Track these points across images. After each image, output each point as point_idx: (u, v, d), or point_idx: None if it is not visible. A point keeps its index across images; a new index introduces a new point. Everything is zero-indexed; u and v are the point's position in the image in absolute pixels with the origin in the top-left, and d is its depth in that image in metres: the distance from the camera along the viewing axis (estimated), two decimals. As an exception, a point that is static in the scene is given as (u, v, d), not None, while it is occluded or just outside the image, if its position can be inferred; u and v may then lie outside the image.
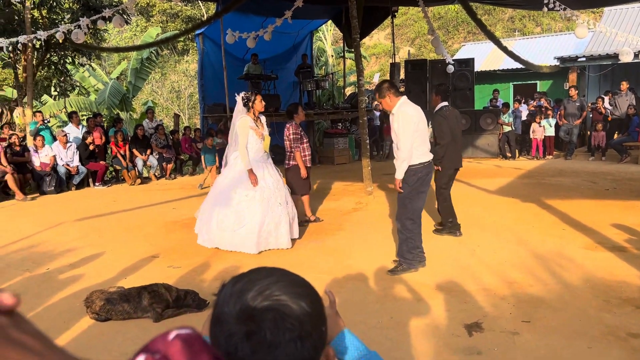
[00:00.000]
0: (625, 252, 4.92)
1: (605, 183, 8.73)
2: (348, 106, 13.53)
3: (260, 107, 5.44)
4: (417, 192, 4.49)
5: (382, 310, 3.80)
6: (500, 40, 12.03)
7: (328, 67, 20.50)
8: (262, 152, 5.53)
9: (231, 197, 5.35)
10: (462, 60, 13.46)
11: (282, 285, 0.78)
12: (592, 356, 3.00)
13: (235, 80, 11.85)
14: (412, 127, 4.33)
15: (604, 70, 15.57)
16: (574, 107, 12.52)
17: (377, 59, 32.61)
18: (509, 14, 29.50)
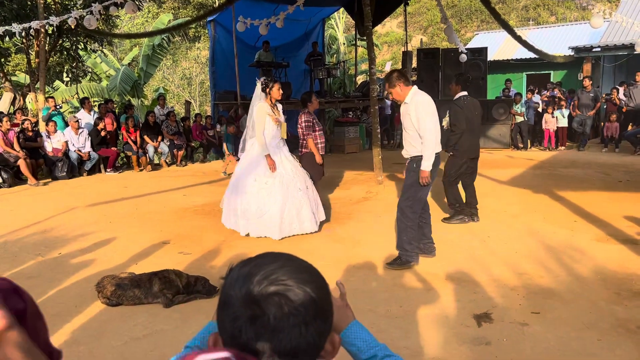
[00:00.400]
0: (637, 245, 4.87)
1: (618, 175, 8.64)
2: (359, 95, 13.47)
3: (278, 95, 5.46)
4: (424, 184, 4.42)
5: (392, 299, 3.80)
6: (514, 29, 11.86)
7: (339, 55, 20.39)
8: (279, 139, 5.55)
9: (251, 185, 5.42)
10: (475, 50, 13.34)
11: (288, 270, 0.79)
12: (602, 348, 2.98)
13: (246, 68, 11.82)
14: (432, 114, 4.27)
15: (619, 60, 15.35)
16: (587, 97, 12.35)
17: (390, 47, 32.36)
18: (523, 3, 29.10)
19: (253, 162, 5.45)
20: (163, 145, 11.45)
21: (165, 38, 15.74)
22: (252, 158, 5.49)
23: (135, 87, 15.55)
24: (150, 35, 13.80)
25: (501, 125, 12.59)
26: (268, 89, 5.39)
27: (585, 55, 14.96)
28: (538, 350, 3.01)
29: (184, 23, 12.48)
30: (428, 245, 4.66)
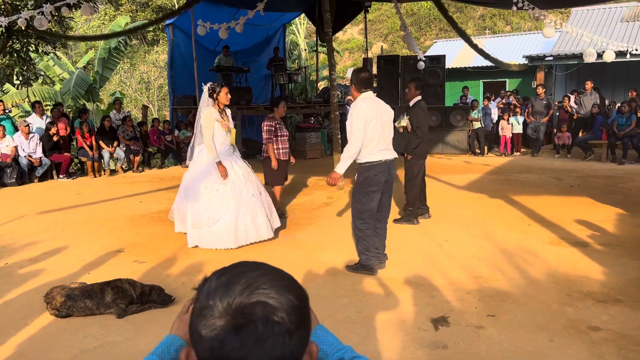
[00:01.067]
0: (587, 248, 5.04)
1: (570, 180, 8.94)
2: (320, 100, 13.49)
3: (225, 100, 5.33)
4: (365, 192, 4.32)
5: (351, 305, 3.80)
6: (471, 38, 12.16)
7: (301, 61, 20.41)
8: (229, 145, 5.43)
9: (202, 193, 5.25)
10: (434, 57, 13.58)
11: (269, 278, 0.77)
12: (554, 349, 3.05)
13: (206, 72, 11.68)
14: (361, 123, 4.16)
15: (570, 69, 15.93)
16: (541, 105, 12.77)
17: (351, 54, 32.65)
18: (480, 12, 29.90)
19: (203, 169, 5.29)
20: (119, 150, 11.16)
21: (122, 41, 15.37)
22: (202, 165, 5.33)
23: (91, 91, 15.11)
24: (106, 37, 13.44)
25: (459, 131, 12.85)
26: (215, 94, 5.25)
27: (539, 64, 15.46)
28: (493, 352, 3.05)
29: (142, 26, 12.23)
30: (378, 256, 4.56)
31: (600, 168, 10.37)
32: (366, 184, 4.32)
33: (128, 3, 27.14)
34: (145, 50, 26.81)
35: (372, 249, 4.44)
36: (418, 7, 30.73)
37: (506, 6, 9.45)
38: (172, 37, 12.85)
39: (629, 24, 16.52)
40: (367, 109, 4.21)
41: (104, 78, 15.73)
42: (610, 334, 3.23)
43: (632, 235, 5.42)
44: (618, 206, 6.77)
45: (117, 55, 15.54)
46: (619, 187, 8.19)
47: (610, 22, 16.98)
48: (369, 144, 4.24)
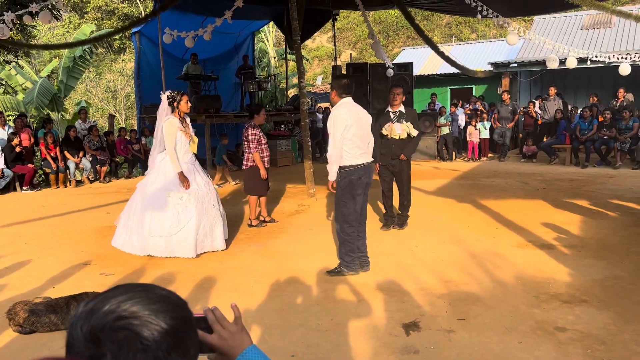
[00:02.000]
0: (553, 250, 5.16)
1: (535, 184, 9.14)
2: (291, 108, 13.49)
3: (186, 108, 5.28)
4: (350, 196, 4.43)
5: (323, 313, 3.79)
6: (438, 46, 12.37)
7: (270, 69, 20.41)
8: (190, 154, 5.38)
9: (165, 202, 5.16)
10: (402, 65, 13.72)
11: (138, 301, 0.73)
12: (523, 351, 3.11)
13: (174, 80, 11.54)
14: (341, 129, 4.30)
15: (534, 75, 16.34)
16: (506, 110, 13.06)
17: (320, 61, 32.81)
18: (446, 20, 30.46)
19: (167, 178, 5.23)
20: (85, 161, 10.92)
21: (88, 49, 15.09)
22: (164, 174, 5.26)
23: (55, 101, 14.75)
24: (70, 46, 13.16)
25: (427, 137, 13.01)
26: (175, 102, 5.21)
27: (504, 71, 15.82)
28: (464, 356, 3.08)
29: (107, 34, 12.00)
30: (362, 259, 4.65)
31: (565, 171, 10.64)
32: (352, 187, 4.42)
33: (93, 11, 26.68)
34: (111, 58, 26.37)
35: (356, 251, 4.52)
36: (385, 15, 31.12)
37: (471, 14, 9.68)
38: (139, 45, 12.67)
39: (588, 32, 17.07)
40: (347, 114, 4.34)
41: (68, 87, 15.40)
42: (576, 334, 3.30)
43: (596, 237, 5.57)
44: (582, 208, 6.96)
45: (82, 64, 15.24)
46: (582, 189, 8.42)
47: (572, 30, 17.51)
48: (350, 148, 4.37)
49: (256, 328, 3.54)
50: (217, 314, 1.00)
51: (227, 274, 4.71)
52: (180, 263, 5.04)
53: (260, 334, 3.45)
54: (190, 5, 11.08)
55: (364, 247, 4.67)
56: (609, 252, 5.03)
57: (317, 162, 12.26)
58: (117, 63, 26.08)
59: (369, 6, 11.37)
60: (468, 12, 9.76)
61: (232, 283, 4.49)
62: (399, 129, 5.99)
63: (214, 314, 1.00)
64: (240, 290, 4.28)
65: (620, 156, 10.92)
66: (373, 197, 7.97)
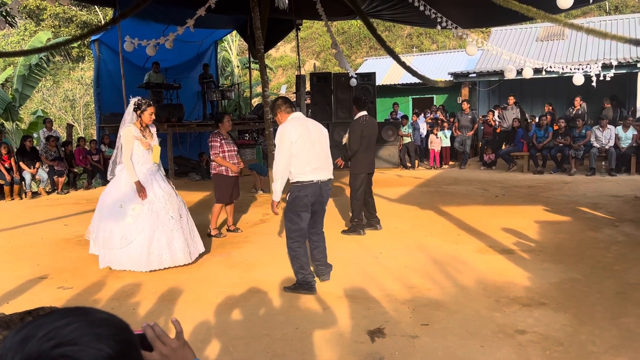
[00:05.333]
0: (513, 254, 5.29)
1: (495, 190, 9.37)
2: (255, 117, 13.46)
3: (149, 120, 5.16)
4: (296, 212, 4.28)
5: (288, 322, 3.77)
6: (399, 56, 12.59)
7: (234, 78, 20.31)
8: (151, 164, 5.23)
9: (117, 212, 5.02)
10: (365, 74, 13.92)
11: (77, 326, 0.69)
12: (484, 354, 3.17)
13: (134, 89, 11.34)
14: (286, 145, 4.16)
15: (492, 85, 16.80)
16: (466, 119, 13.39)
17: (284, 70, 32.88)
18: (407, 31, 31.04)
19: (121, 188, 5.10)
20: (42, 171, 10.59)
21: (44, 57, 14.69)
22: (120, 184, 5.13)
23: (9, 110, 14.28)
24: (26, 54, 12.77)
25: (390, 146, 13.19)
26: (140, 110, 5.10)
27: (463, 80, 16.21)
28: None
29: (64, 42, 11.72)
30: (319, 268, 4.60)
31: (523, 178, 10.95)
32: (295, 204, 4.27)
33: (50, 18, 26.01)
34: (69, 67, 25.73)
35: (306, 267, 4.38)
36: (348, 26, 31.47)
37: (431, 25, 9.89)
38: (98, 53, 12.43)
39: (543, 43, 17.70)
40: (292, 130, 4.19)
41: (24, 96, 14.93)
42: (536, 336, 3.39)
43: (553, 241, 5.74)
44: (540, 214, 7.17)
45: (38, 72, 14.83)
46: (540, 195, 8.68)
47: (527, 41, 18.11)
48: (298, 164, 4.22)
49: (220, 339, 3.50)
50: (157, 330, 0.97)
51: (190, 286, 4.63)
52: (141, 275, 4.93)
53: (224, 345, 3.40)
54: (151, 13, 10.96)
55: (320, 255, 4.57)
56: (565, 255, 5.19)
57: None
58: (76, 71, 25.45)
59: (332, 16, 11.49)
60: (428, 23, 9.97)
61: (195, 294, 4.41)
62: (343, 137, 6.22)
63: (154, 330, 0.96)
64: (204, 302, 4.22)
65: (575, 163, 11.32)
66: (341, 205, 8.02)
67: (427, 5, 8.88)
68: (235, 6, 10.09)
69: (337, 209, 7.83)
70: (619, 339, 3.31)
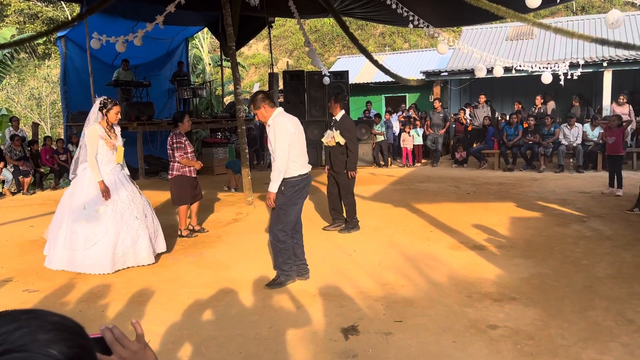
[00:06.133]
0: (484, 250, 5.35)
1: (466, 187, 9.49)
2: (227, 115, 13.33)
3: (114, 119, 5.09)
4: (293, 204, 4.38)
5: (261, 321, 3.73)
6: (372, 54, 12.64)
7: (205, 75, 20.08)
8: (114, 164, 5.14)
9: (80, 213, 4.91)
10: (338, 73, 13.92)
11: (27, 331, 0.65)
12: (457, 349, 3.19)
13: (103, 87, 11.11)
14: (287, 137, 4.23)
15: (463, 84, 17.03)
16: (438, 118, 13.53)
17: (257, 69, 32.69)
18: (380, 30, 31.20)
19: (84, 188, 4.97)
20: (6, 172, 10.28)
21: (8, 54, 14.26)
22: (83, 184, 5.00)
23: (-28, 108, 13.83)
24: (-11, 50, 12.41)
25: (364, 144, 13.21)
26: (105, 109, 5.01)
27: (435, 79, 16.39)
28: (401, 357, 3.12)
29: (29, 38, 11.36)
30: (301, 267, 4.61)
31: (494, 175, 11.12)
32: (297, 196, 4.37)
33: (14, 14, 25.29)
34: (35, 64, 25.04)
35: (292, 258, 4.48)
36: (321, 24, 31.48)
37: (403, 24, 9.96)
38: (65, 50, 12.12)
39: (513, 42, 18.01)
40: (289, 122, 4.29)
41: (-13, 94, 14.47)
42: (507, 331, 3.43)
43: (523, 237, 5.83)
44: (510, 210, 7.28)
45: (2, 70, 14.40)
46: (510, 192, 8.82)
47: (497, 41, 18.41)
48: (298, 157, 4.34)
49: (192, 340, 3.44)
50: (116, 333, 0.93)
51: (161, 287, 4.55)
52: (110, 277, 4.82)
53: (196, 347, 3.35)
54: (119, 9, 10.74)
55: (302, 254, 4.63)
56: (535, 251, 5.28)
57: (255, 170, 12.16)
58: (42, 69, 24.79)
59: (304, 14, 11.45)
60: (400, 22, 10.04)
61: (166, 295, 4.34)
62: (328, 137, 6.08)
63: (113, 332, 0.92)
64: (175, 303, 4.15)
65: (544, 160, 11.55)
66: (318, 203, 8.00)
67: (399, 4, 8.93)
68: (206, 3, 9.96)
69: (310, 207, 7.81)
70: (587, 332, 3.38)
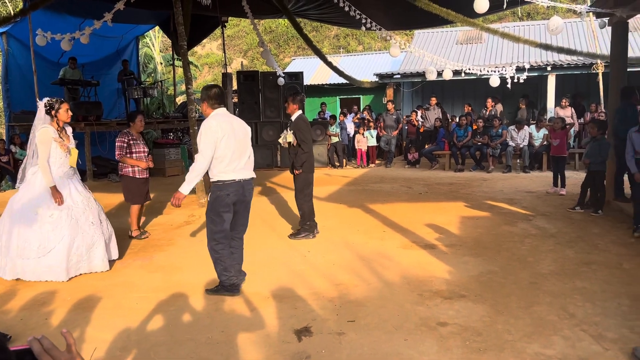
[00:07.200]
0: (435, 249, 5.46)
1: (418, 187, 9.67)
2: (179, 115, 13.08)
3: (66, 117, 4.87)
4: (217, 213, 4.15)
5: (213, 325, 3.68)
6: (326, 56, 12.70)
7: (157, 75, 19.66)
8: (68, 168, 4.93)
9: (33, 219, 4.68)
10: (293, 74, 13.90)
11: None
12: (408, 347, 3.24)
13: (48, 86, 10.70)
14: (211, 140, 4.03)
15: (415, 86, 17.34)
16: (391, 119, 13.73)
17: (210, 68, 32.26)
18: (334, 32, 31.39)
19: (36, 193, 4.74)
20: (-58, 174, 9.74)
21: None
22: (34, 188, 4.77)
23: None
24: None
25: (319, 145, 13.25)
26: (54, 111, 4.78)
27: (388, 81, 16.62)
28: (354, 356, 3.15)
29: (-35, 34, 10.85)
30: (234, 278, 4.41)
31: (445, 176, 11.38)
32: (217, 204, 4.15)
33: (-49, 8, 23.99)
34: (-26, 61, 23.84)
35: (230, 269, 4.30)
36: (276, 25, 31.38)
37: (357, 26, 10.05)
38: (7, 47, 11.59)
39: (463, 46, 18.49)
40: (217, 126, 4.07)
41: None
42: (456, 328, 3.51)
43: (472, 236, 5.99)
44: (460, 210, 7.47)
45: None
46: (460, 192, 9.05)
47: (448, 44, 18.86)
48: (220, 163, 4.11)
49: (140, 346, 3.35)
50: (45, 344, 0.89)
51: (109, 292, 4.41)
52: (56, 282, 4.63)
53: (145, 353, 3.26)
54: (66, 5, 10.38)
55: (235, 262, 4.41)
56: (483, 249, 5.43)
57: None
58: (-18, 66, 23.62)
59: (258, 15, 11.39)
60: (354, 24, 10.12)
61: (114, 301, 4.21)
62: (283, 137, 6.03)
63: (42, 343, 0.88)
64: (123, 308, 4.03)
65: (492, 161, 11.91)
66: (274, 204, 7.96)
67: (352, 7, 9.01)
68: (157, 1, 9.76)
69: (265, 209, 7.76)
70: (531, 327, 3.50)
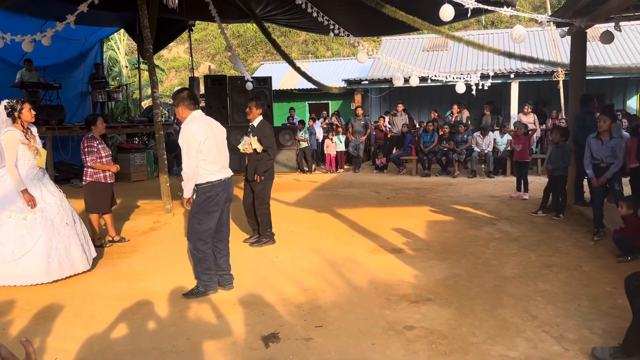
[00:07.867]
0: (402, 253, 5.52)
1: (386, 192, 9.76)
2: (145, 120, 12.86)
3: (29, 117, 4.77)
4: (206, 212, 4.22)
5: (178, 333, 3.61)
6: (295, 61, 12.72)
7: (122, 78, 19.31)
8: (37, 169, 4.83)
9: (6, 223, 4.57)
10: (261, 78, 13.86)
11: None
12: (375, 352, 3.25)
13: (8, 89, 10.38)
14: (195, 144, 4.07)
15: (383, 92, 17.52)
16: (359, 125, 13.84)
17: (177, 72, 31.88)
18: (303, 37, 31.47)
19: (7, 197, 4.63)
20: None
21: None
22: (4, 192, 4.65)
23: None
24: None
25: (288, 150, 13.26)
26: (16, 112, 4.67)
27: (356, 87, 16.75)
28: (321, 362, 3.14)
29: None
30: (224, 277, 4.49)
31: (412, 181, 11.52)
32: (208, 204, 4.21)
33: None
34: None
35: (213, 269, 4.34)
36: (244, 29, 31.27)
37: (325, 32, 10.10)
38: (-37, 48, 11.19)
39: (429, 53, 18.79)
40: (199, 129, 4.11)
41: None
42: (423, 331, 3.55)
43: (438, 240, 6.07)
44: (427, 214, 7.57)
45: None
46: (427, 197, 9.17)
47: (414, 51, 19.13)
48: (207, 164, 4.17)
49: (103, 356, 3.27)
50: (3, 353, 0.86)
51: (71, 300, 4.29)
52: (17, 291, 4.48)
53: (108, 363, 3.18)
54: (27, 7, 10.09)
55: (225, 264, 4.49)
56: (449, 253, 5.51)
57: (175, 176, 11.80)
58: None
59: (226, 19, 11.32)
60: (322, 30, 10.17)
61: (76, 309, 4.09)
62: (245, 143, 5.92)
63: None
64: (86, 317, 3.92)
65: (458, 166, 12.12)
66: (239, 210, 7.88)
67: (320, 12, 9.04)
68: (122, 3, 9.58)
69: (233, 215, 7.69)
70: (496, 329, 3.57)
